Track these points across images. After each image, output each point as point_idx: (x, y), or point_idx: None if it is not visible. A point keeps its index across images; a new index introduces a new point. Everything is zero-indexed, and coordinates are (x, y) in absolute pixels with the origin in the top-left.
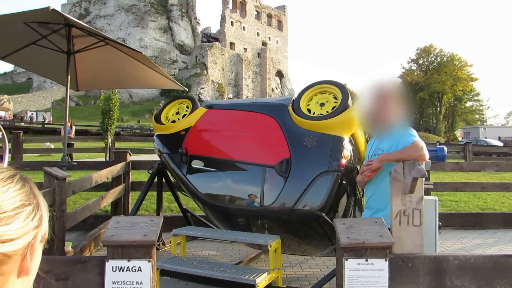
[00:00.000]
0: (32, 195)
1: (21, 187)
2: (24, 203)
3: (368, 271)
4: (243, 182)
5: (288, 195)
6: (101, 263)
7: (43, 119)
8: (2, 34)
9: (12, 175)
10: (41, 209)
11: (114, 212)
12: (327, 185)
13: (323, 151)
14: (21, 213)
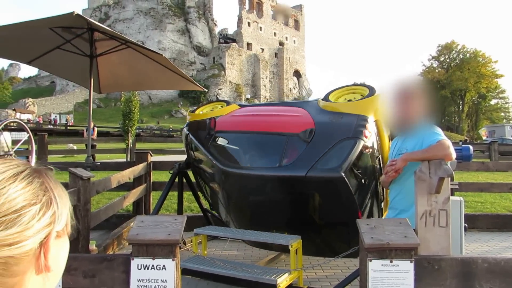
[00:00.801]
0: (41, 192)
1: (27, 184)
2: (29, 202)
3: (392, 272)
4: (263, 149)
5: (309, 155)
6: (126, 261)
7: (66, 121)
8: (28, 40)
9: (18, 172)
10: (54, 205)
11: (136, 211)
12: (349, 148)
13: (347, 123)
14: (25, 214)
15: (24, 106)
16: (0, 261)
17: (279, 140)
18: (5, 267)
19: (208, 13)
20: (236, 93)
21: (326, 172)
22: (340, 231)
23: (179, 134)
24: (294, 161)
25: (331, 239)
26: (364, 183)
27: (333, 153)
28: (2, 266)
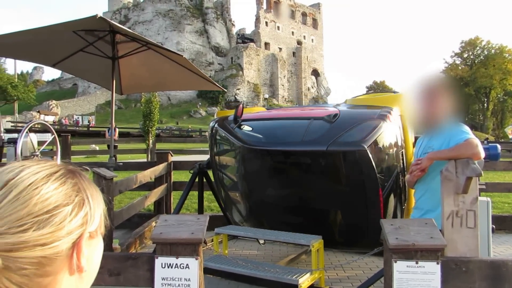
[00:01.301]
0: (74, 192)
1: (59, 185)
2: (61, 203)
3: (418, 274)
4: (287, 131)
5: (331, 133)
6: (150, 260)
7: (88, 123)
8: (53, 43)
9: (51, 173)
10: (86, 206)
11: (157, 211)
12: (372, 126)
13: (372, 110)
14: (57, 215)
15: (48, 108)
16: (33, 261)
17: (303, 123)
18: (39, 267)
19: (226, 14)
20: (254, 93)
21: (348, 145)
22: (360, 211)
23: (197, 134)
24: (316, 138)
25: (350, 221)
26: (387, 166)
27: (357, 130)
28: (35, 266)
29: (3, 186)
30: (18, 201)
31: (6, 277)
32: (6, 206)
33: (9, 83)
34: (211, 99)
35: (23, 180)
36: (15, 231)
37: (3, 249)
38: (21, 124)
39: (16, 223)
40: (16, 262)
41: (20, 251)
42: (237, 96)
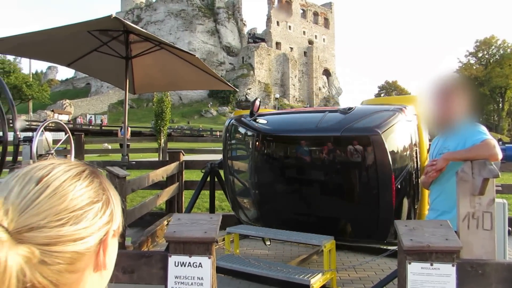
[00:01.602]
0: (101, 191)
1: (89, 183)
2: (93, 200)
3: (433, 276)
4: (302, 121)
5: (346, 120)
6: (164, 258)
7: (101, 122)
8: (67, 43)
9: (80, 171)
10: (111, 204)
11: (169, 210)
12: (387, 115)
13: (387, 105)
14: (90, 211)
15: (62, 107)
16: (66, 256)
17: (318, 115)
18: (70, 262)
19: (237, 13)
20: (265, 93)
21: (362, 131)
22: (371, 198)
23: (208, 134)
24: (331, 125)
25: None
26: (401, 156)
27: (371, 118)
28: (67, 261)
29: (38, 182)
30: (55, 196)
31: (40, 272)
32: (44, 200)
33: (24, 82)
34: (222, 99)
35: (57, 177)
36: (53, 225)
37: (42, 243)
38: (36, 123)
39: (55, 217)
40: (52, 256)
41: (57, 245)
42: (248, 96)
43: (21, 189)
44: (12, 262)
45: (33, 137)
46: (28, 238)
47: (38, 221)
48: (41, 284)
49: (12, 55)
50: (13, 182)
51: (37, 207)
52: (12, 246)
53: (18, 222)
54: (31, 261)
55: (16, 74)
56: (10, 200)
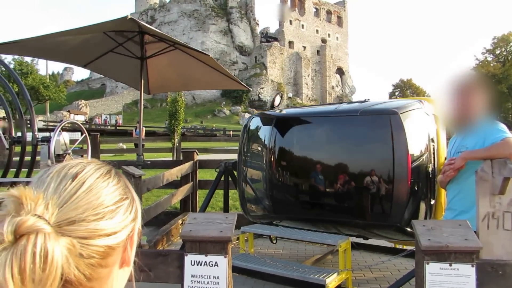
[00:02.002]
0: (127, 189)
1: (118, 181)
2: (122, 197)
3: (452, 276)
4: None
5: (364, 105)
6: (180, 257)
7: (116, 122)
8: (84, 44)
9: (109, 170)
10: (135, 203)
11: (183, 209)
12: (405, 102)
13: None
14: (121, 207)
15: (77, 108)
16: (100, 250)
17: (336, 104)
18: (103, 256)
19: (250, 13)
20: (277, 92)
21: (380, 112)
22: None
23: (221, 133)
24: (349, 109)
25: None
26: (418, 143)
27: (389, 104)
28: (101, 256)
29: (73, 178)
30: (91, 192)
31: (77, 265)
32: (81, 195)
33: (41, 83)
34: (235, 98)
35: (91, 174)
36: (92, 219)
37: (81, 236)
38: (53, 123)
39: (92, 212)
40: (88, 249)
41: (94, 238)
42: (261, 95)
43: (58, 185)
44: (58, 253)
45: (51, 137)
46: (68, 231)
47: (77, 215)
48: (76, 277)
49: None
50: (48, 179)
51: (75, 202)
52: (56, 238)
53: (58, 215)
54: (72, 254)
55: (33, 75)
56: (49, 195)
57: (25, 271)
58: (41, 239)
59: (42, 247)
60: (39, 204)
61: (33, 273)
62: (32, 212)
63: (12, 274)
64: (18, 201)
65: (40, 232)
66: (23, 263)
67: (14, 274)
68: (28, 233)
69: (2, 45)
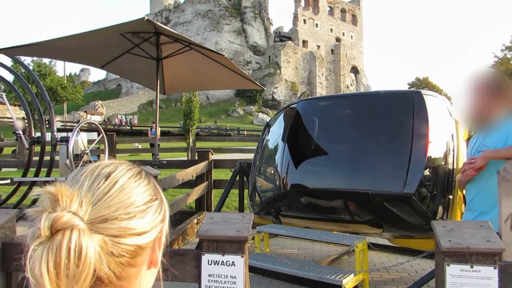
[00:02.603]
0: (156, 190)
1: (148, 182)
2: (152, 197)
3: (473, 278)
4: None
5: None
6: (197, 256)
7: (130, 122)
8: (101, 46)
9: (139, 171)
10: (164, 204)
11: (198, 208)
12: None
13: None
14: (151, 207)
15: (94, 108)
16: (130, 249)
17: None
18: (132, 255)
19: (263, 12)
20: (291, 91)
21: (402, 92)
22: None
23: (235, 133)
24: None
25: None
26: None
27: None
28: (130, 255)
29: (106, 178)
30: (124, 191)
31: (108, 263)
32: (114, 194)
33: (59, 84)
34: (248, 98)
35: (123, 174)
36: (124, 218)
37: (113, 234)
38: (70, 123)
39: (124, 211)
40: (119, 248)
41: (125, 237)
42: (275, 95)
43: (92, 183)
44: (91, 250)
45: (70, 138)
46: (101, 228)
47: (110, 213)
48: (106, 275)
49: (49, 59)
50: (82, 177)
51: (108, 200)
52: (90, 235)
53: (91, 213)
54: (104, 251)
55: (51, 76)
56: (83, 193)
57: (60, 266)
58: (76, 235)
59: (76, 243)
60: (74, 201)
61: (67, 269)
62: (67, 209)
63: (47, 269)
64: (54, 198)
65: (75, 228)
66: (58, 258)
67: (49, 268)
68: (64, 229)
69: (22, 47)
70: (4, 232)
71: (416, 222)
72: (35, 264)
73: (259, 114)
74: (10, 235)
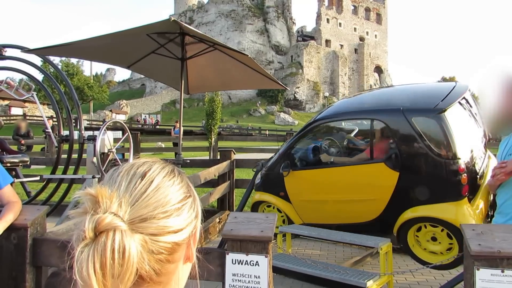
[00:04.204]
0: (189, 187)
1: (181, 180)
2: (186, 195)
3: (504, 283)
4: None
5: None
6: (222, 256)
7: (152, 121)
8: (127, 46)
9: (172, 169)
10: (197, 201)
11: (220, 207)
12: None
13: None
14: (186, 205)
15: (119, 107)
16: (168, 246)
17: None
18: (170, 252)
19: (286, 12)
20: (314, 91)
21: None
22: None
23: (257, 132)
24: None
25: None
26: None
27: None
28: (168, 252)
29: (142, 177)
30: (159, 190)
31: (148, 261)
32: (151, 194)
33: (85, 84)
34: (270, 98)
35: (158, 173)
36: (162, 217)
37: (152, 233)
38: (96, 122)
39: (162, 209)
40: (157, 246)
41: (163, 235)
42: (297, 95)
43: (128, 183)
44: (134, 249)
45: (97, 136)
46: (141, 228)
47: (149, 213)
48: (147, 272)
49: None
50: (119, 178)
51: (146, 200)
52: (132, 235)
53: (131, 213)
54: (144, 250)
55: (78, 76)
56: (121, 193)
57: (105, 266)
58: (119, 236)
59: (120, 244)
60: (113, 202)
61: (113, 268)
62: (108, 210)
63: (94, 270)
64: (95, 200)
65: (117, 229)
66: (104, 259)
67: (96, 269)
68: (107, 230)
69: (52, 48)
70: (35, 228)
71: None
72: (82, 265)
73: (280, 114)
74: (40, 231)
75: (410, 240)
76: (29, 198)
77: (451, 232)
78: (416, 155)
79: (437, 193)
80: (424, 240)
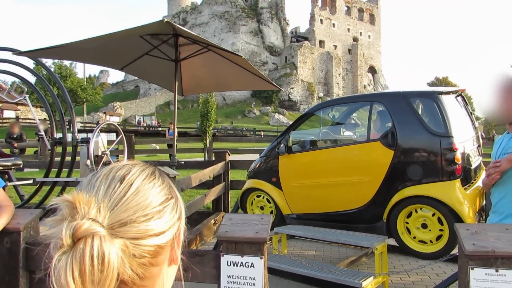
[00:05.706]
0: (171, 189)
1: (162, 182)
2: (168, 197)
3: (498, 282)
4: None
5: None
6: (216, 257)
7: (151, 123)
8: (120, 48)
9: (152, 171)
10: (179, 202)
11: (215, 209)
12: None
13: None
14: (167, 207)
15: (113, 109)
16: (151, 250)
17: None
18: (153, 255)
19: (280, 13)
20: (308, 92)
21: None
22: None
23: (252, 134)
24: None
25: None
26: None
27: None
28: (151, 255)
29: (121, 181)
30: (139, 193)
31: (130, 265)
32: (130, 197)
33: (79, 86)
34: (265, 99)
35: (137, 176)
36: (142, 220)
37: (132, 237)
38: (90, 124)
39: (142, 213)
40: (140, 249)
41: (145, 239)
42: (291, 95)
43: (107, 188)
44: (114, 255)
45: (90, 139)
46: (121, 232)
47: (128, 217)
48: (130, 277)
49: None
50: (98, 182)
51: (125, 204)
52: (111, 240)
53: (110, 218)
54: (126, 254)
55: (72, 78)
56: (100, 198)
57: (85, 273)
58: (98, 242)
59: (99, 250)
60: (92, 207)
61: (92, 275)
62: (86, 216)
63: (73, 277)
64: (72, 206)
65: (96, 235)
66: (83, 266)
67: (75, 277)
68: (85, 237)
69: (44, 50)
70: (28, 231)
71: None
72: (61, 274)
73: (275, 114)
74: (33, 235)
75: (400, 226)
76: (22, 202)
77: (443, 215)
78: (412, 132)
79: (431, 171)
80: (414, 227)
